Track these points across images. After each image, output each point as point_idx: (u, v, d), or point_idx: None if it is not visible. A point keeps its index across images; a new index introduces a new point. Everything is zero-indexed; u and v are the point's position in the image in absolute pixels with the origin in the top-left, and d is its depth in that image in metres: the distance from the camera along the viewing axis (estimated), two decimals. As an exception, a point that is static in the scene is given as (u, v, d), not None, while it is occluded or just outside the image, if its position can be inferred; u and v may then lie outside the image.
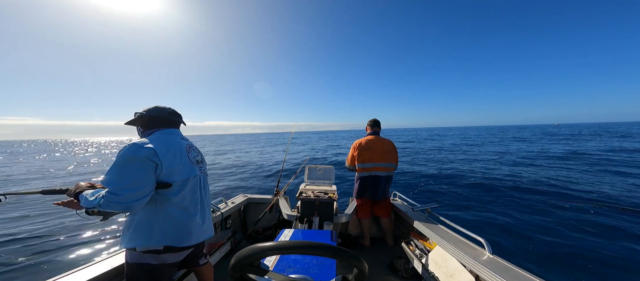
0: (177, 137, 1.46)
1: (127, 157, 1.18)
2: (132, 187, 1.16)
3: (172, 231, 1.33)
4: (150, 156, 1.22)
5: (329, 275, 1.30)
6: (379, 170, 2.98)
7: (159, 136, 1.38)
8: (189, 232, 1.39)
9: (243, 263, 0.60)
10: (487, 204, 6.34)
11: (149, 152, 1.22)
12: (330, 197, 2.79)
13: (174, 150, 1.34)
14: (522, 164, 12.26)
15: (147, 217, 1.29)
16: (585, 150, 17.14)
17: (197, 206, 1.46)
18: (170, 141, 1.38)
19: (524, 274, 1.46)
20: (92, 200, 1.16)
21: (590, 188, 7.44)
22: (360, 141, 3.09)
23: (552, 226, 4.79)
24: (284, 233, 1.89)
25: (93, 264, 1.57)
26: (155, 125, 1.46)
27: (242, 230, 3.42)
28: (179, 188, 1.34)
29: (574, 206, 5.73)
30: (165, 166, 1.26)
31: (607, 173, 9.66)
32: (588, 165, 11.50)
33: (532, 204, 6.16)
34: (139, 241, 1.28)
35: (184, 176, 1.36)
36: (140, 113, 1.47)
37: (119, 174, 1.17)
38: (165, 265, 1.36)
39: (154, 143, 1.28)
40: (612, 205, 4.37)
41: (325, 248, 0.59)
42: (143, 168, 1.20)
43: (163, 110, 1.49)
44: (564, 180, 8.57)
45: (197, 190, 1.46)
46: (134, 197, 1.16)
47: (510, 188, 7.68)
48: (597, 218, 4.99)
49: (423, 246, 2.46)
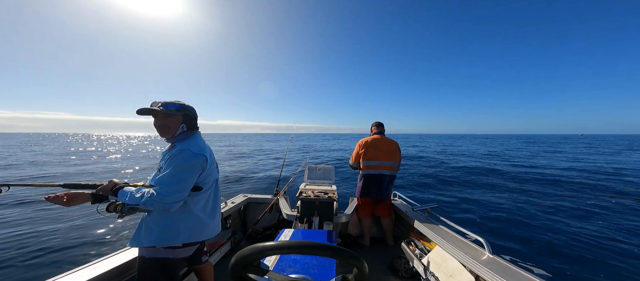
0: (203, 140, 1.51)
1: (187, 163, 1.27)
2: (180, 189, 1.24)
3: (194, 230, 1.39)
4: (203, 162, 1.33)
5: (329, 275, 1.30)
6: (384, 169, 2.99)
7: (201, 140, 1.45)
8: (205, 229, 1.46)
9: (243, 263, 0.60)
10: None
11: (203, 159, 1.33)
12: (330, 197, 2.79)
13: (211, 156, 1.46)
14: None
15: (176, 217, 1.34)
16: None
17: (216, 205, 1.55)
18: (207, 145, 1.47)
19: (524, 274, 1.46)
20: (137, 197, 1.20)
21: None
22: (366, 139, 3.10)
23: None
24: (284, 233, 1.89)
25: (95, 263, 1.56)
26: (195, 126, 1.47)
27: (242, 230, 3.41)
28: (207, 190, 1.42)
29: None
30: (207, 171, 1.37)
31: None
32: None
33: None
34: (167, 240, 1.33)
35: (213, 179, 1.47)
36: (186, 108, 1.40)
37: (175, 177, 1.23)
38: (179, 259, 1.41)
39: (205, 150, 1.39)
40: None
41: (325, 248, 0.59)
42: (194, 174, 1.30)
43: (196, 112, 1.48)
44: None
45: (216, 190, 1.55)
46: (178, 197, 1.24)
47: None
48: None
49: (423, 246, 2.46)
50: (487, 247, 1.74)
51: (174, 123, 1.36)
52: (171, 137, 1.38)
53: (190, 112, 1.42)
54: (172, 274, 1.39)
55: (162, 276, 1.36)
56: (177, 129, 1.37)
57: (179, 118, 1.37)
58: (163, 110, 1.32)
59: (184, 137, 1.40)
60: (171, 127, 1.36)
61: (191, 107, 1.45)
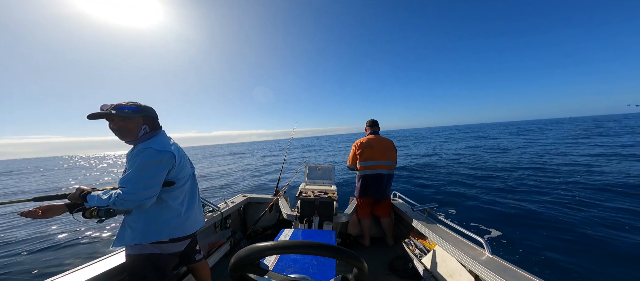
0: (170, 138, 1.52)
1: (151, 160, 1.27)
2: (147, 185, 1.25)
3: (176, 224, 1.43)
4: (169, 159, 1.34)
5: (329, 274, 1.30)
6: (382, 168, 3.00)
7: (165, 139, 1.46)
8: (188, 222, 1.51)
9: (243, 263, 0.60)
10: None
11: (169, 156, 1.34)
12: (330, 197, 2.80)
13: (180, 152, 1.47)
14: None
15: (155, 213, 1.37)
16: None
17: (194, 199, 1.60)
18: (173, 143, 1.48)
19: (524, 274, 1.46)
20: (105, 199, 1.23)
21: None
22: (362, 140, 3.10)
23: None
24: (283, 233, 1.89)
25: (91, 264, 1.56)
26: (156, 126, 1.47)
27: (242, 229, 3.41)
28: (182, 185, 1.46)
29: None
30: (177, 167, 1.39)
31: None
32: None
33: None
34: (150, 236, 1.36)
35: (186, 174, 1.50)
36: (145, 109, 1.39)
37: (139, 175, 1.25)
38: (168, 254, 1.45)
39: (169, 146, 1.39)
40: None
41: (325, 248, 0.59)
42: (160, 170, 1.31)
43: (155, 111, 1.48)
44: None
45: (192, 185, 1.59)
46: (147, 194, 1.26)
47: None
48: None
49: (423, 246, 2.46)
50: (486, 247, 1.74)
51: (134, 125, 1.35)
52: (133, 139, 1.37)
53: (150, 113, 1.42)
54: (162, 269, 1.42)
55: (152, 272, 1.39)
56: (139, 131, 1.37)
57: (139, 120, 1.36)
58: (118, 113, 1.28)
59: (146, 138, 1.39)
60: (132, 129, 1.34)
61: (150, 107, 1.43)
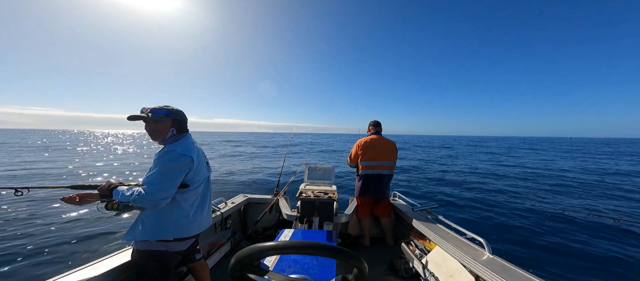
0: (194, 142, 1.59)
1: (173, 164, 1.34)
2: (166, 187, 1.33)
3: (183, 224, 1.48)
4: (189, 163, 1.40)
5: (329, 275, 1.30)
6: (383, 169, 3.01)
7: (190, 142, 1.52)
8: (194, 224, 1.55)
9: (243, 263, 0.60)
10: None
11: (189, 160, 1.40)
12: (330, 197, 2.80)
13: (199, 156, 1.53)
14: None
15: (167, 212, 1.43)
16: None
17: (205, 202, 1.65)
18: (195, 147, 1.55)
19: (524, 274, 1.46)
20: (128, 195, 1.31)
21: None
22: (365, 140, 3.10)
23: None
24: (284, 233, 1.89)
25: (95, 263, 1.55)
26: (185, 129, 1.56)
27: (242, 230, 3.41)
28: (196, 187, 1.51)
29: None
30: (194, 170, 1.45)
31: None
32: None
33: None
34: (158, 234, 1.41)
35: (201, 177, 1.55)
36: (175, 113, 1.48)
37: (160, 176, 1.32)
38: (173, 252, 1.50)
39: (192, 151, 1.46)
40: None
41: (325, 248, 0.59)
42: (180, 173, 1.38)
43: (185, 115, 1.57)
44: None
45: (205, 188, 1.64)
46: (164, 196, 1.33)
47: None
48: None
49: (423, 246, 2.46)
50: (487, 247, 1.74)
51: (164, 127, 1.45)
52: (162, 140, 1.47)
53: (180, 116, 1.51)
54: (166, 266, 1.48)
55: (156, 268, 1.44)
56: (167, 133, 1.47)
57: (168, 123, 1.46)
58: (152, 117, 1.41)
59: (174, 140, 1.48)
60: (161, 132, 1.45)
61: (180, 111, 1.52)
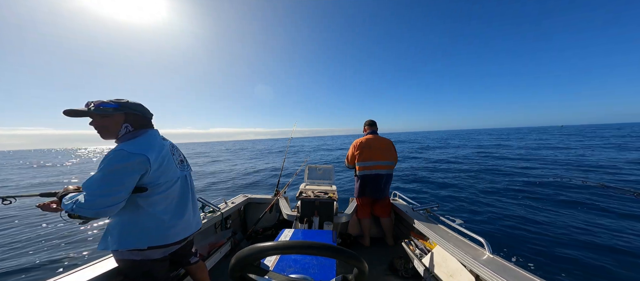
0: (160, 139, 1.39)
1: (118, 164, 1.11)
2: (107, 192, 1.10)
3: (158, 232, 1.30)
4: (142, 162, 1.16)
5: (329, 275, 1.30)
6: (380, 169, 3.00)
7: (149, 139, 1.30)
8: (174, 230, 1.37)
9: (243, 263, 0.60)
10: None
11: (141, 159, 1.16)
12: (330, 197, 2.80)
13: (162, 154, 1.30)
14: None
15: (133, 219, 1.25)
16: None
17: (183, 204, 1.43)
18: (159, 144, 1.33)
19: (524, 274, 1.46)
20: (68, 205, 1.13)
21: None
22: (361, 140, 3.10)
23: None
24: (284, 233, 1.89)
25: (89, 265, 1.54)
26: (143, 124, 1.34)
27: (242, 230, 3.42)
28: (164, 190, 1.30)
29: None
30: (153, 171, 1.22)
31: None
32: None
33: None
34: (129, 243, 1.25)
35: (170, 178, 1.33)
36: (127, 106, 1.26)
37: (101, 180, 1.10)
38: (151, 260, 1.33)
39: (148, 149, 1.22)
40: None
41: (325, 248, 0.59)
42: (128, 176, 1.14)
43: (146, 108, 1.36)
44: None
45: (182, 189, 1.43)
46: (107, 202, 1.10)
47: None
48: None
49: (423, 246, 2.46)
50: (487, 247, 1.74)
51: (114, 123, 1.24)
52: (114, 138, 1.28)
53: (135, 109, 1.28)
54: (151, 275, 1.35)
55: (141, 277, 1.33)
56: (120, 129, 1.26)
57: (120, 118, 1.25)
58: (94, 111, 1.18)
59: (129, 137, 1.27)
60: (111, 128, 1.25)
61: (136, 104, 1.30)
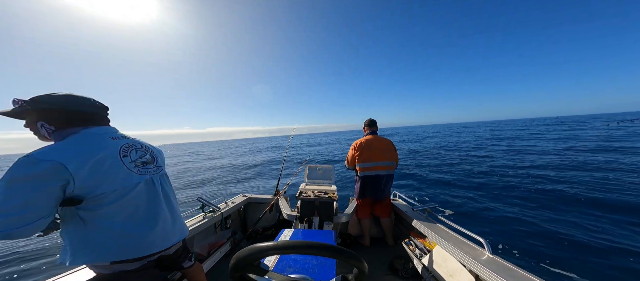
0: (106, 138, 1.15)
1: (17, 176, 0.89)
2: (7, 212, 0.88)
3: (116, 245, 1.09)
4: (54, 171, 0.92)
5: (329, 274, 1.30)
6: (381, 169, 2.99)
7: (78, 140, 1.06)
8: (145, 242, 1.17)
9: (243, 263, 0.60)
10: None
11: (52, 166, 0.92)
12: (330, 197, 2.80)
13: (99, 158, 1.05)
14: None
15: (80, 234, 1.05)
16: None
17: (154, 212, 1.22)
18: (96, 145, 1.08)
19: (524, 274, 1.46)
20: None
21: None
22: (360, 141, 3.10)
23: None
24: (284, 233, 1.89)
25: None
26: (73, 122, 1.10)
27: (242, 230, 3.42)
28: (114, 199, 1.08)
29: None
30: (82, 179, 0.98)
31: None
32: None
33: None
34: (81, 259, 1.06)
35: (120, 185, 1.10)
36: (37, 101, 1.03)
37: (3, 195, 0.88)
38: (125, 272, 1.15)
39: (69, 152, 0.98)
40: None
41: (325, 248, 0.59)
42: (37, 189, 0.91)
43: (83, 101, 1.13)
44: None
45: (149, 195, 1.22)
46: (11, 224, 0.88)
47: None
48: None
49: (423, 246, 2.46)
50: (487, 247, 1.74)
51: (30, 124, 1.08)
52: (48, 140, 1.10)
53: (51, 103, 1.04)
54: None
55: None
56: (40, 131, 1.08)
57: (32, 116, 1.06)
58: (6, 111, 1.04)
59: (57, 138, 1.08)
60: (32, 129, 1.09)
61: (53, 96, 1.06)
